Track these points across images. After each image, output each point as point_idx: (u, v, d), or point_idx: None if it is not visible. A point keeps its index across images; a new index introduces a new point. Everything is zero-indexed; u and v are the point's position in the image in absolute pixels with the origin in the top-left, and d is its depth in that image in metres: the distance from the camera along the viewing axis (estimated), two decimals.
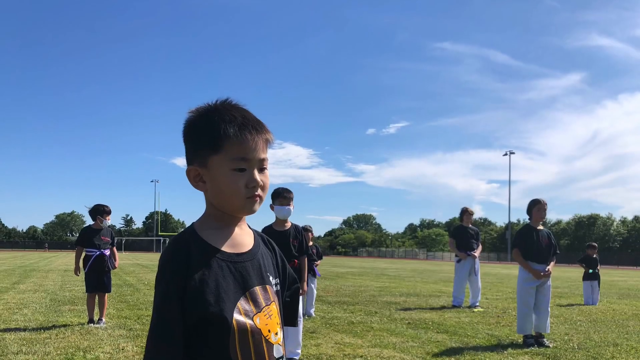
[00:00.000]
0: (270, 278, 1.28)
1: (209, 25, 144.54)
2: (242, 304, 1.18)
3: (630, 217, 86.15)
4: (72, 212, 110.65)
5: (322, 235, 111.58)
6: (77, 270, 7.05)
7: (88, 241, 6.89)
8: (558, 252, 6.28)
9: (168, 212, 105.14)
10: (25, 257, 35.94)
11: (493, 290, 13.80)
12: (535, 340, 5.85)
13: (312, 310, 7.97)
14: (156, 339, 1.13)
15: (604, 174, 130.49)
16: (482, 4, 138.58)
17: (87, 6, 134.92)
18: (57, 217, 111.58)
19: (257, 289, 1.22)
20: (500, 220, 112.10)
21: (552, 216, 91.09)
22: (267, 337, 1.19)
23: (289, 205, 4.69)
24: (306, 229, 7.98)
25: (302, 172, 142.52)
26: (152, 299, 1.19)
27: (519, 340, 6.00)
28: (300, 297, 5.14)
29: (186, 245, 1.18)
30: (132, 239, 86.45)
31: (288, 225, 4.81)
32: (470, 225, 9.87)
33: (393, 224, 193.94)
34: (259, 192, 1.21)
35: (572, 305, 10.44)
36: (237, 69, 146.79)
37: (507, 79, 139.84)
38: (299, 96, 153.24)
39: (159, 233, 76.53)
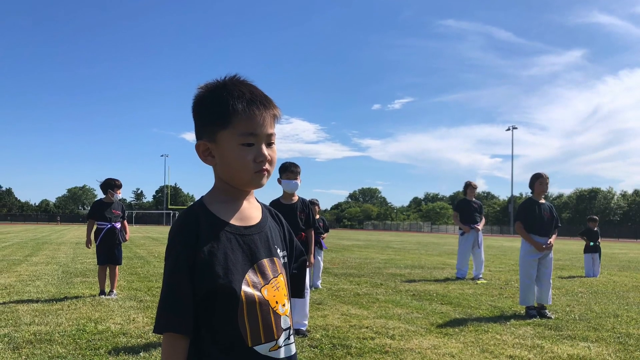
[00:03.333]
0: (278, 250, 1.31)
1: (217, 2, 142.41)
2: (250, 276, 1.20)
3: (630, 191, 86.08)
4: (84, 186, 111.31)
5: (329, 209, 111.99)
6: (88, 242, 7.16)
7: (99, 214, 6.97)
8: (559, 225, 6.31)
9: (178, 186, 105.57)
10: (37, 230, 36.37)
11: (496, 262, 13.89)
12: (537, 311, 5.93)
13: (319, 282, 8.09)
14: (166, 310, 1.15)
15: (605, 148, 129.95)
16: None
17: None
18: (69, 190, 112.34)
19: (265, 262, 1.25)
20: (503, 194, 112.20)
21: (553, 190, 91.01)
22: (274, 309, 1.22)
23: (296, 179, 4.72)
24: (313, 203, 8.02)
25: (309, 147, 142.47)
26: (162, 271, 1.22)
27: (522, 312, 6.09)
28: (307, 270, 5.19)
29: (195, 218, 1.21)
30: (143, 212, 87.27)
31: (295, 198, 4.85)
32: (473, 199, 9.90)
33: (398, 197, 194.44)
34: (267, 166, 1.22)
35: (574, 277, 10.52)
36: (245, 45, 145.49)
37: (510, 56, 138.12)
38: (306, 72, 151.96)
39: (169, 206, 77.07)
